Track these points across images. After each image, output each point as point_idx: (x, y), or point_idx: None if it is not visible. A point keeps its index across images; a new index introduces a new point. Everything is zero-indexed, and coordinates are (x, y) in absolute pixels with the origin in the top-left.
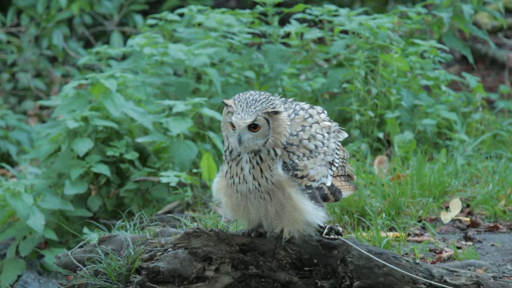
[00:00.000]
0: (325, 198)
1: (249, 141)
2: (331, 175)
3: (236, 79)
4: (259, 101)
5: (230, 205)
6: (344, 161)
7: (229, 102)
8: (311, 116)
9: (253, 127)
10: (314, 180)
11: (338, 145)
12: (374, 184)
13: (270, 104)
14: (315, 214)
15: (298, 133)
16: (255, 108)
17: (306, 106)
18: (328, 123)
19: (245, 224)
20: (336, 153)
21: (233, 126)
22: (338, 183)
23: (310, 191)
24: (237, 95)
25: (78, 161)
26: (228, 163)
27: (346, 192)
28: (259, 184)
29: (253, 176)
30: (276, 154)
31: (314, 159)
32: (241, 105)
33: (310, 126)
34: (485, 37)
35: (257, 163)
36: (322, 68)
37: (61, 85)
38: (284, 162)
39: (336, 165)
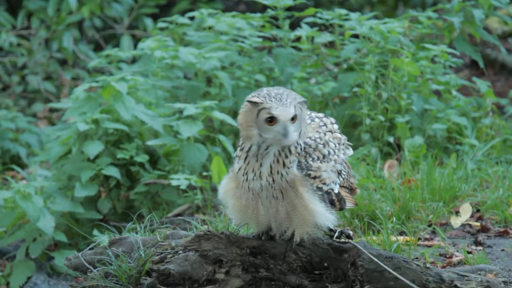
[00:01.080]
0: (332, 204)
1: (291, 134)
2: (338, 184)
3: (246, 83)
4: (283, 93)
5: (238, 207)
6: (349, 174)
7: (257, 99)
8: (325, 124)
9: (291, 118)
10: (324, 183)
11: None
12: (384, 188)
13: (295, 95)
14: (326, 216)
15: (315, 138)
16: (287, 100)
17: (321, 115)
18: (339, 135)
19: (253, 226)
20: (344, 165)
21: (269, 122)
22: (344, 193)
23: (320, 193)
24: (255, 93)
25: (88, 164)
26: (245, 160)
27: (349, 204)
28: (273, 181)
29: (270, 171)
30: (302, 148)
31: (327, 164)
32: (271, 100)
33: (325, 134)
34: (496, 42)
35: (286, 156)
36: (333, 72)
37: (71, 88)
38: (299, 162)
39: (343, 176)
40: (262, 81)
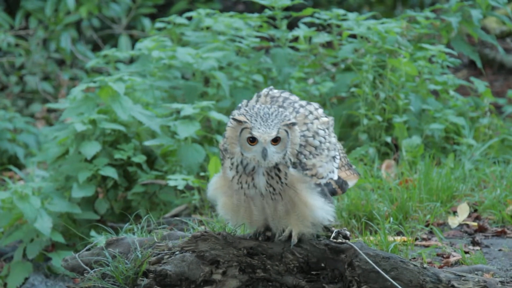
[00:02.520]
0: (333, 193)
1: (273, 155)
2: (336, 168)
3: (244, 83)
4: (272, 114)
5: (229, 206)
6: (343, 151)
7: (242, 118)
8: (311, 112)
9: (274, 140)
10: (322, 178)
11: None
12: (382, 188)
13: (285, 116)
14: (326, 209)
15: (304, 132)
16: (272, 121)
17: (303, 102)
18: (326, 119)
19: (246, 226)
20: (336, 147)
21: (251, 142)
22: (344, 174)
23: (319, 189)
24: (243, 110)
25: (85, 164)
26: (237, 172)
27: (352, 181)
28: (273, 189)
29: (270, 184)
30: (291, 162)
31: (320, 156)
32: (256, 120)
33: (312, 123)
34: (494, 42)
35: (276, 174)
36: (330, 72)
37: (69, 88)
38: (293, 163)
39: (338, 157)
40: (259, 81)
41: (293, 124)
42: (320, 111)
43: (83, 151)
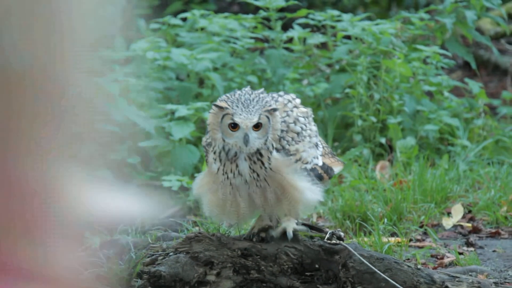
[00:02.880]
0: (320, 178)
1: (254, 140)
2: (320, 155)
3: (238, 84)
4: (254, 100)
5: (215, 202)
6: (325, 143)
7: (223, 104)
8: (289, 101)
9: (255, 126)
10: (307, 163)
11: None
12: (376, 190)
13: (266, 102)
14: (315, 190)
15: (284, 118)
16: (254, 107)
17: (281, 93)
18: (304, 109)
19: (232, 220)
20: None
21: (232, 128)
22: (328, 160)
23: (305, 173)
24: (224, 96)
25: None
26: (221, 162)
27: (337, 167)
28: (257, 175)
29: (253, 170)
30: (273, 147)
31: (303, 142)
32: (237, 106)
33: (291, 111)
34: (488, 43)
35: (258, 159)
36: (325, 73)
37: None
38: (276, 149)
39: (322, 145)
40: (254, 82)
41: (274, 110)
42: (298, 101)
43: None
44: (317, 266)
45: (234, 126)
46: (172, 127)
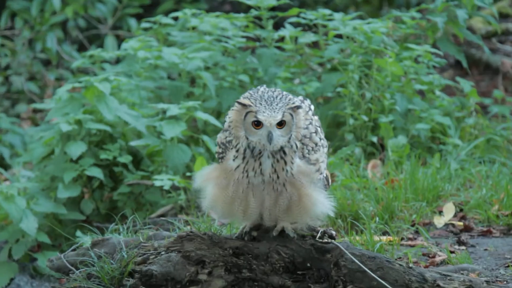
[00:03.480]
0: (325, 188)
1: (278, 138)
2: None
3: (230, 83)
4: (277, 97)
5: (221, 198)
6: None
7: (247, 101)
8: (310, 109)
9: (279, 124)
10: (321, 173)
11: None
12: (368, 188)
13: (289, 100)
14: (328, 204)
15: (308, 126)
16: (277, 104)
17: (301, 97)
18: (316, 117)
19: (237, 221)
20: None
21: (256, 125)
22: (327, 171)
23: (319, 184)
24: (247, 94)
25: (71, 164)
26: (243, 159)
27: (329, 178)
28: (277, 177)
29: (275, 169)
30: (297, 146)
31: (319, 152)
32: (261, 103)
33: (312, 119)
34: (479, 42)
35: (281, 157)
36: (316, 72)
37: (55, 89)
38: (299, 157)
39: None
40: (245, 81)
41: (298, 107)
42: (312, 107)
43: (69, 151)
44: (308, 265)
45: (258, 124)
46: (163, 126)
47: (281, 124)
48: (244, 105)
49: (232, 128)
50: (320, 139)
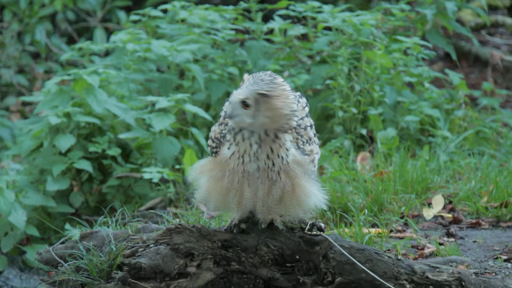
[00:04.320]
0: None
1: (238, 117)
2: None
3: (219, 76)
4: (264, 81)
5: (216, 189)
6: None
7: (246, 77)
8: (307, 105)
9: (246, 104)
10: (315, 166)
11: None
12: (357, 181)
13: (270, 87)
14: (321, 197)
15: (304, 119)
16: (251, 86)
17: (299, 93)
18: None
19: (231, 212)
20: None
21: (246, 106)
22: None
23: (313, 176)
24: (255, 73)
25: (60, 157)
26: (235, 142)
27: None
28: (273, 164)
29: (267, 155)
30: (276, 137)
31: (314, 145)
32: (249, 81)
33: (308, 115)
34: (469, 34)
35: (256, 143)
36: (306, 65)
37: (44, 81)
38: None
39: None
40: (235, 73)
41: (265, 95)
42: (308, 107)
43: (58, 144)
44: (297, 257)
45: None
46: (152, 118)
47: (247, 105)
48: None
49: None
50: (314, 134)
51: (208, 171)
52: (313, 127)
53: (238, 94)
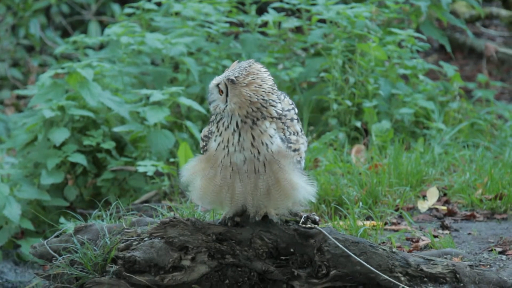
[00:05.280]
0: None
1: (215, 102)
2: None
3: (213, 68)
4: (239, 68)
5: (211, 188)
6: None
7: (233, 64)
8: (292, 103)
9: (220, 90)
10: (301, 157)
11: None
12: (352, 173)
13: (239, 73)
14: (309, 190)
15: (290, 111)
16: (226, 72)
17: (284, 93)
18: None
19: (226, 208)
20: None
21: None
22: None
23: (299, 166)
24: (241, 61)
25: (54, 151)
26: (221, 134)
27: None
28: (258, 152)
29: (251, 143)
30: (254, 123)
31: (300, 137)
32: (229, 68)
33: (294, 109)
34: (463, 26)
35: (234, 130)
36: (300, 57)
37: (38, 75)
38: (281, 139)
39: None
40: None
41: (231, 81)
42: (295, 110)
43: (52, 137)
44: (292, 250)
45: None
46: (146, 112)
47: (221, 91)
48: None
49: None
50: (301, 129)
51: (201, 170)
52: (298, 121)
53: (214, 80)
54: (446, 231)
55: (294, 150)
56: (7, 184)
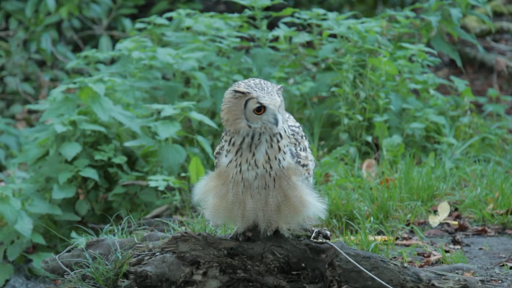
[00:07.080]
0: None
1: (281, 119)
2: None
3: (224, 83)
4: (266, 83)
5: (223, 206)
6: None
7: (246, 90)
8: (299, 124)
9: (264, 108)
10: (309, 173)
11: None
12: (363, 188)
13: (272, 83)
14: (318, 206)
15: (299, 127)
16: (269, 88)
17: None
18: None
19: (237, 225)
20: None
21: (257, 111)
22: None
23: (307, 182)
24: (239, 83)
25: (66, 165)
26: (237, 153)
27: None
28: (270, 167)
29: (268, 157)
30: (289, 131)
31: (310, 154)
32: (256, 90)
33: (299, 127)
34: (474, 41)
35: (278, 140)
36: (311, 72)
37: (50, 89)
38: (291, 154)
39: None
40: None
41: (281, 88)
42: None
43: (63, 152)
44: (303, 265)
45: (259, 110)
46: (158, 126)
47: (280, 106)
48: (243, 93)
49: (230, 125)
50: (307, 146)
51: (213, 188)
52: (306, 138)
53: (274, 101)
54: (458, 246)
55: (303, 166)
56: (19, 199)
